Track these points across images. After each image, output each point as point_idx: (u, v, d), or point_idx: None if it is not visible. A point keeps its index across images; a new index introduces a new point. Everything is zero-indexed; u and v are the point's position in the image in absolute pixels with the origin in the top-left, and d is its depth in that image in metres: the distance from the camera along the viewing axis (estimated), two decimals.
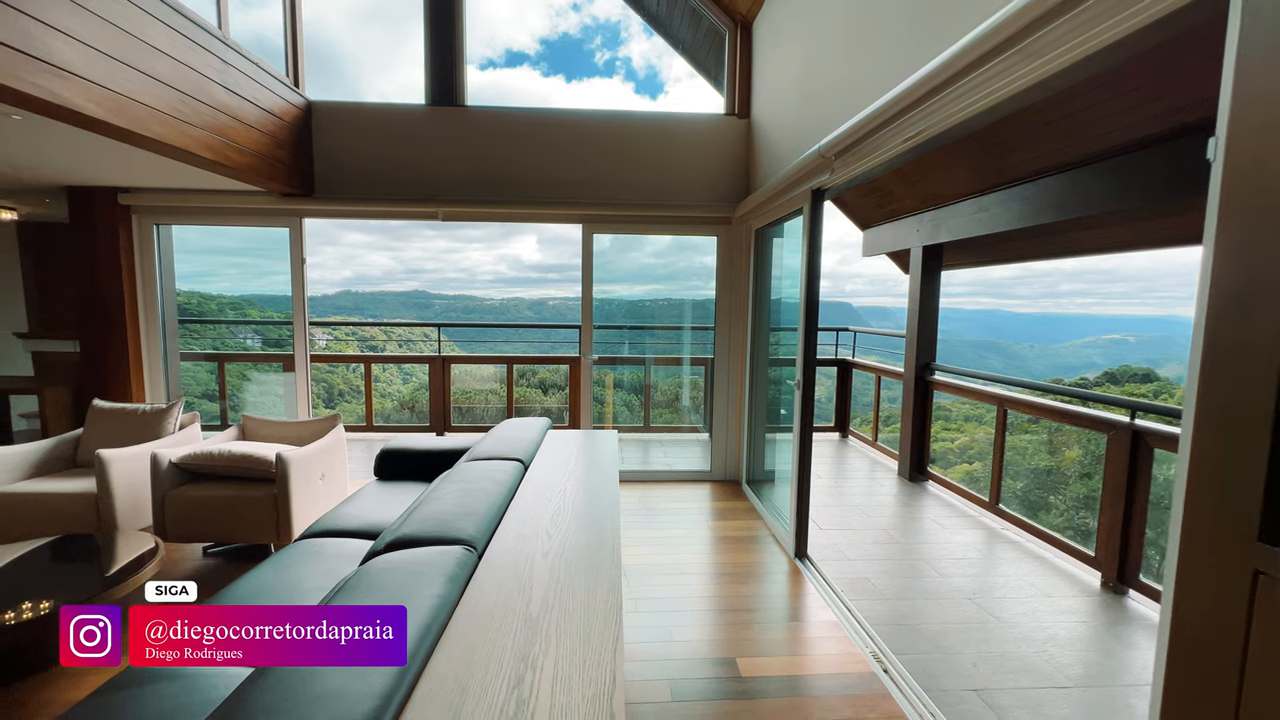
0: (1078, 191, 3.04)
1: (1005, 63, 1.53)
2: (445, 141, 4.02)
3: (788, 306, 3.68)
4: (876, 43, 2.29)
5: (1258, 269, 0.59)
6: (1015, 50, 1.49)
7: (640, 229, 4.28)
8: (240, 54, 3.22)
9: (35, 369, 4.93)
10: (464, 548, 1.49)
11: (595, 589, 1.36)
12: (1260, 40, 0.54)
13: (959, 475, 7.55)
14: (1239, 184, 0.59)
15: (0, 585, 2.22)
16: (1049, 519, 5.37)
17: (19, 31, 1.99)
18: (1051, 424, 5.44)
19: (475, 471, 2.11)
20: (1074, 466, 5.88)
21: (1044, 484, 5.90)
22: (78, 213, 3.87)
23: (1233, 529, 0.62)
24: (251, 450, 2.90)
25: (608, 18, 18.47)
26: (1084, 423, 3.16)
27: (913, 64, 1.89)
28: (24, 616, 2.05)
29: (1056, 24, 1.37)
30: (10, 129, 2.56)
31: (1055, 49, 1.40)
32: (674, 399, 6.65)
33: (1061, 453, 6.13)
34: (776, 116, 3.62)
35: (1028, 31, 1.44)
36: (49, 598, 2.10)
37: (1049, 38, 1.41)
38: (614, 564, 1.50)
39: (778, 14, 3.59)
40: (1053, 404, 3.45)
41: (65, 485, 2.91)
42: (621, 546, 3.11)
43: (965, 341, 47.81)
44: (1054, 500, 5.78)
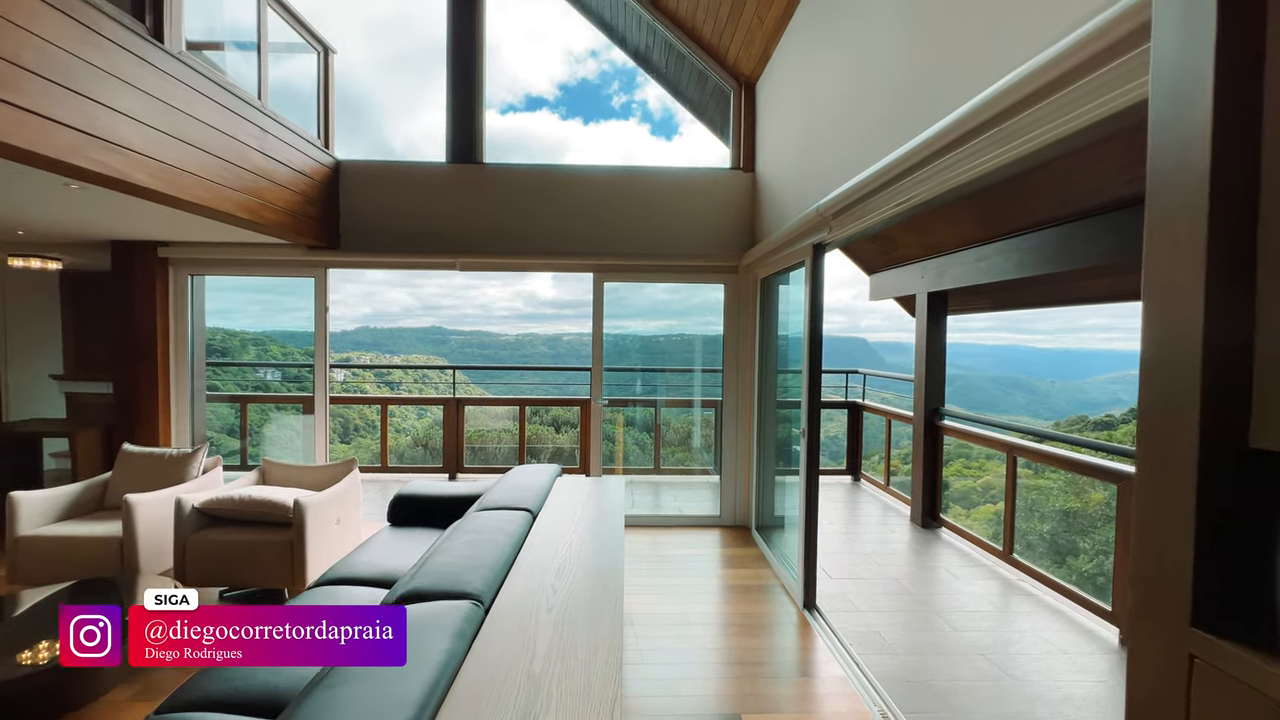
0: (1076, 244, 3.12)
1: (984, 142, 1.63)
2: (463, 196, 4.24)
3: (795, 348, 3.75)
4: (870, 110, 2.43)
5: (1172, 345, 0.64)
6: (994, 131, 1.60)
7: (649, 277, 4.42)
8: (277, 121, 3.48)
9: (68, 410, 5.15)
10: (471, 602, 1.54)
11: (597, 646, 1.40)
12: (1167, 136, 0.62)
13: (984, 516, 7.37)
14: (1157, 261, 0.66)
15: (20, 630, 2.30)
16: (1077, 564, 5.22)
17: (85, 115, 2.21)
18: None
19: (485, 521, 2.17)
20: (1100, 509, 5.75)
21: (1071, 527, 5.75)
22: (120, 263, 4.11)
23: (1170, 609, 0.66)
24: (271, 495, 3.00)
25: (625, 63, 19.38)
26: (1093, 473, 3.15)
27: (903, 134, 2.01)
28: (39, 659, 2.12)
29: (1031, 110, 1.47)
30: (68, 195, 2.78)
31: (1033, 130, 1.49)
32: (686, 437, 6.67)
33: (1087, 494, 5.99)
34: (779, 172, 3.78)
35: (1003, 117, 1.55)
36: None
37: (1024, 121, 1.51)
38: (615, 620, 1.54)
39: (779, 76, 3.79)
40: (1061, 453, 3.43)
41: (92, 528, 3.02)
42: (629, 595, 3.12)
43: (987, 378, 47.07)
44: (1082, 544, 5.62)
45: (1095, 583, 4.80)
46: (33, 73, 2.00)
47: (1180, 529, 0.65)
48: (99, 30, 2.27)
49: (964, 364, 9.29)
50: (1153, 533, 0.72)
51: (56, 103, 2.09)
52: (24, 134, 2.00)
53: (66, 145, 2.14)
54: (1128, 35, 1.13)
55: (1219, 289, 0.56)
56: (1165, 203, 0.64)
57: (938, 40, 1.92)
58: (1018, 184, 3.31)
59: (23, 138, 1.99)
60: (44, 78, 2.05)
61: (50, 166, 2.17)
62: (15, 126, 1.96)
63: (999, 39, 1.62)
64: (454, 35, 4.30)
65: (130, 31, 2.44)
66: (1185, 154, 0.61)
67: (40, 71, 2.03)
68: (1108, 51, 1.20)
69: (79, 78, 2.18)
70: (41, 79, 2.04)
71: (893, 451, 5.53)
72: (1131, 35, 1.11)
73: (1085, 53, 1.24)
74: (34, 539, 2.94)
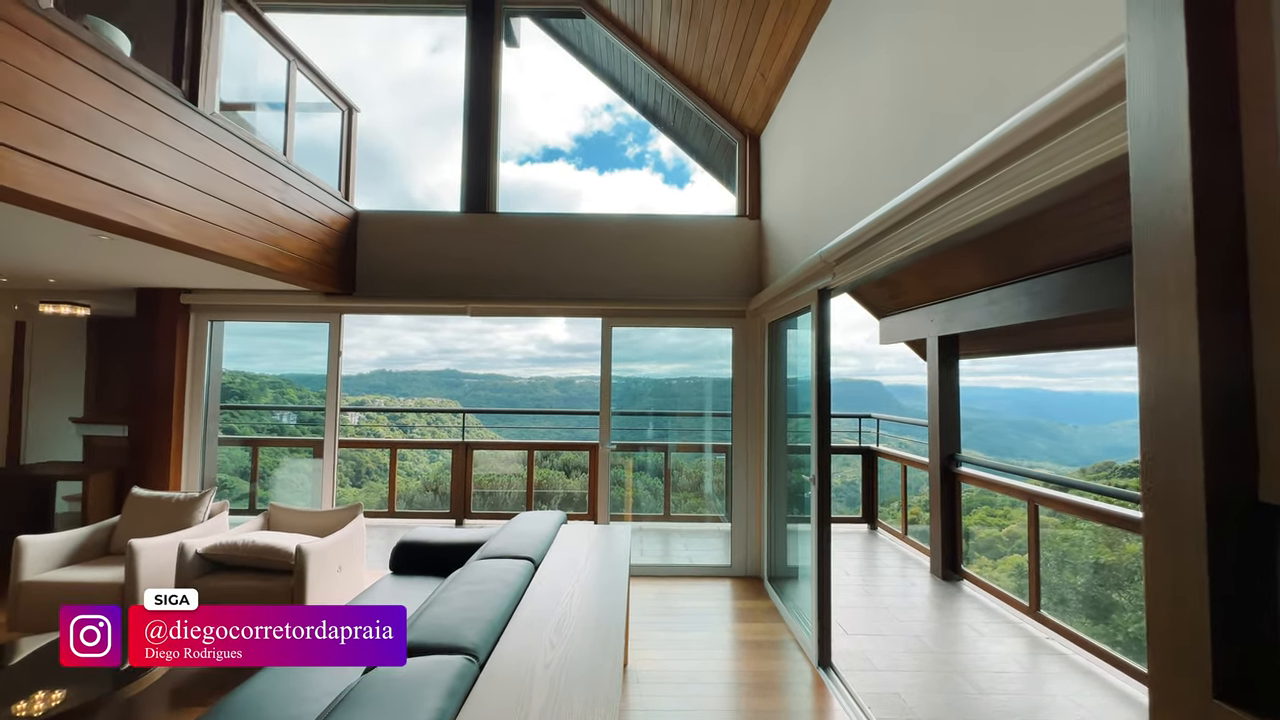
0: (1088, 287, 3.09)
1: (985, 187, 1.65)
2: (476, 244, 4.36)
3: (805, 392, 3.71)
4: (871, 159, 2.48)
5: (1170, 399, 0.61)
6: (994, 177, 1.61)
7: (658, 322, 4.45)
8: (299, 174, 3.63)
9: (85, 453, 5.21)
10: (466, 658, 1.49)
11: (593, 709, 1.34)
12: (1148, 191, 0.62)
13: (1010, 567, 7.04)
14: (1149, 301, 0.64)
15: (16, 679, 2.26)
16: (1121, 619, 4.92)
17: (116, 170, 2.33)
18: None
19: (484, 571, 2.12)
20: (1134, 561, 5.47)
21: (1105, 581, 5.47)
22: (144, 309, 4.25)
23: (1190, 679, 0.61)
24: (273, 541, 2.97)
25: (639, 116, 20.41)
26: (1119, 523, 3.02)
27: (903, 181, 2.05)
28: (35, 710, 2.07)
29: (1031, 156, 1.49)
30: (96, 245, 2.90)
31: (1034, 175, 1.50)
32: (697, 483, 6.56)
33: (1121, 545, 5.73)
34: (784, 219, 3.84)
35: (1002, 162, 1.57)
36: (61, 689, 2.12)
37: (1024, 167, 1.53)
38: (613, 680, 1.47)
39: (781, 128, 3.90)
40: (1086, 502, 3.29)
41: (96, 574, 3.00)
42: (635, 650, 3.00)
43: (1005, 421, 45.96)
44: (1117, 599, 5.32)
45: (1140, 642, 4.51)
46: (69, 132, 2.13)
47: (1194, 591, 0.61)
48: (135, 93, 2.42)
49: (982, 408, 8.98)
50: (1165, 594, 0.67)
51: (89, 159, 2.21)
52: (57, 189, 2.11)
53: (96, 199, 2.25)
54: (1115, 87, 1.15)
55: (1213, 337, 0.55)
56: (1152, 253, 0.63)
57: (936, 90, 1.97)
58: (1026, 227, 3.33)
59: (55, 192, 2.10)
60: (79, 136, 2.17)
61: (80, 219, 2.27)
62: (49, 182, 2.07)
63: (997, 88, 1.65)
64: (471, 92, 4.51)
65: (165, 94, 2.60)
66: (1168, 207, 0.61)
67: (76, 130, 2.16)
68: (1099, 100, 1.22)
69: (112, 135, 2.31)
70: (77, 138, 2.16)
71: (910, 499, 5.37)
72: (1117, 88, 1.14)
73: (1078, 101, 1.26)
74: (37, 584, 2.92)
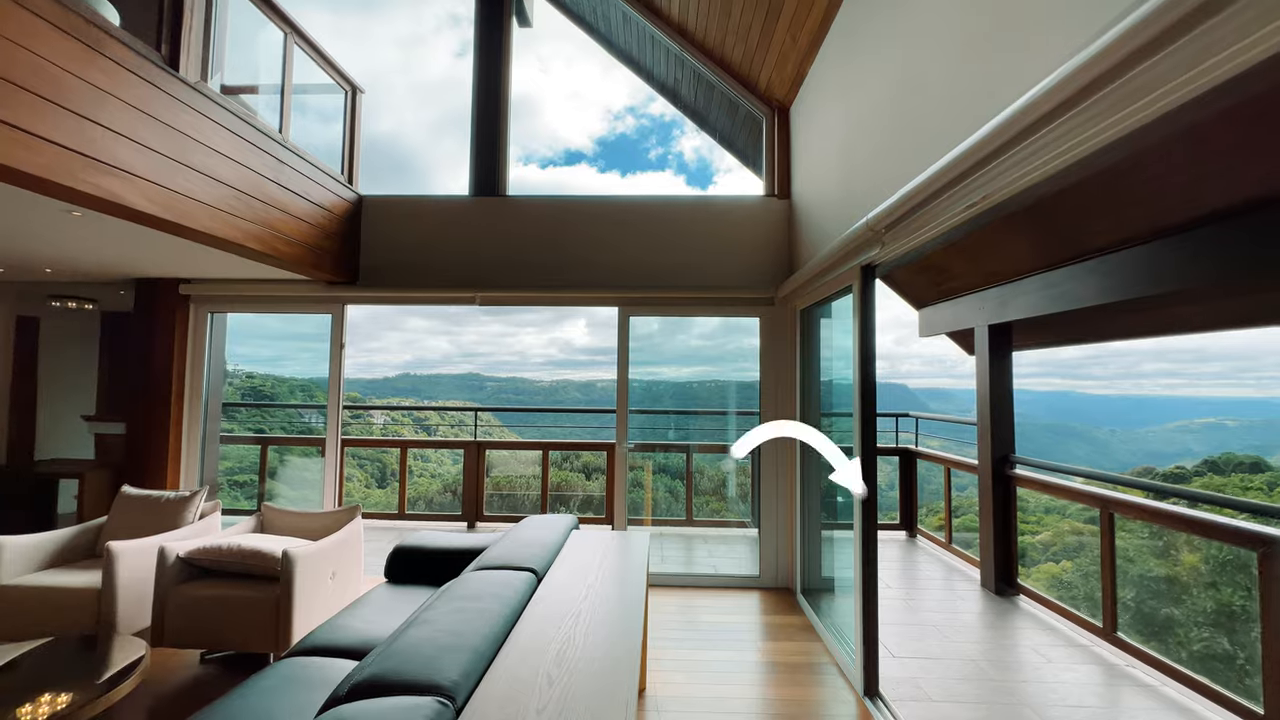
0: (1168, 265, 2.68)
1: (1079, 118, 1.30)
2: (485, 230, 4.10)
3: (839, 389, 3.36)
4: (924, 111, 2.13)
5: None
6: (1095, 100, 1.26)
7: (678, 311, 4.13)
8: (297, 154, 3.42)
9: (96, 451, 5.10)
10: (439, 701, 1.19)
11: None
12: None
13: (1045, 577, 6.54)
14: None
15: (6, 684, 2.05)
16: (1185, 635, 4.43)
17: (79, 134, 2.10)
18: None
19: (479, 585, 1.83)
20: (1195, 575, 4.96)
21: (1159, 595, 4.96)
22: (142, 302, 4.08)
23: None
24: (260, 546, 2.73)
25: (661, 114, 19.51)
26: (1224, 536, 2.59)
27: (966, 127, 1.70)
28: (40, 713, 1.86)
29: (1162, 55, 1.14)
30: (75, 224, 2.70)
31: (1162, 85, 1.15)
32: (720, 485, 6.21)
33: (1177, 557, 5.21)
34: (818, 195, 3.49)
35: (1100, 84, 1.22)
36: (24, 704, 1.90)
37: (1132, 85, 1.18)
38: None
39: (814, 96, 3.56)
40: (1179, 510, 2.84)
41: (75, 578, 2.79)
42: (655, 672, 2.67)
43: (1039, 425, 44.36)
44: (1175, 614, 4.82)
45: (1203, 662, 4.03)
46: (22, 88, 1.91)
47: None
48: (103, 51, 2.20)
49: (1014, 410, 8.36)
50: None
51: (48, 120, 1.99)
52: (12, 152, 1.89)
53: (57, 166, 2.03)
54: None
55: None
56: None
57: (1007, 12, 1.62)
58: (1090, 200, 2.93)
59: (9, 156, 1.88)
60: (36, 94, 1.95)
61: (40, 187, 2.05)
62: (4, 145, 1.85)
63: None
64: (480, 68, 4.27)
65: (141, 56, 2.38)
66: None
67: (31, 88, 1.93)
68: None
69: (76, 97, 2.09)
70: (33, 95, 1.94)
71: (952, 504, 4.94)
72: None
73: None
74: (15, 588, 2.73)
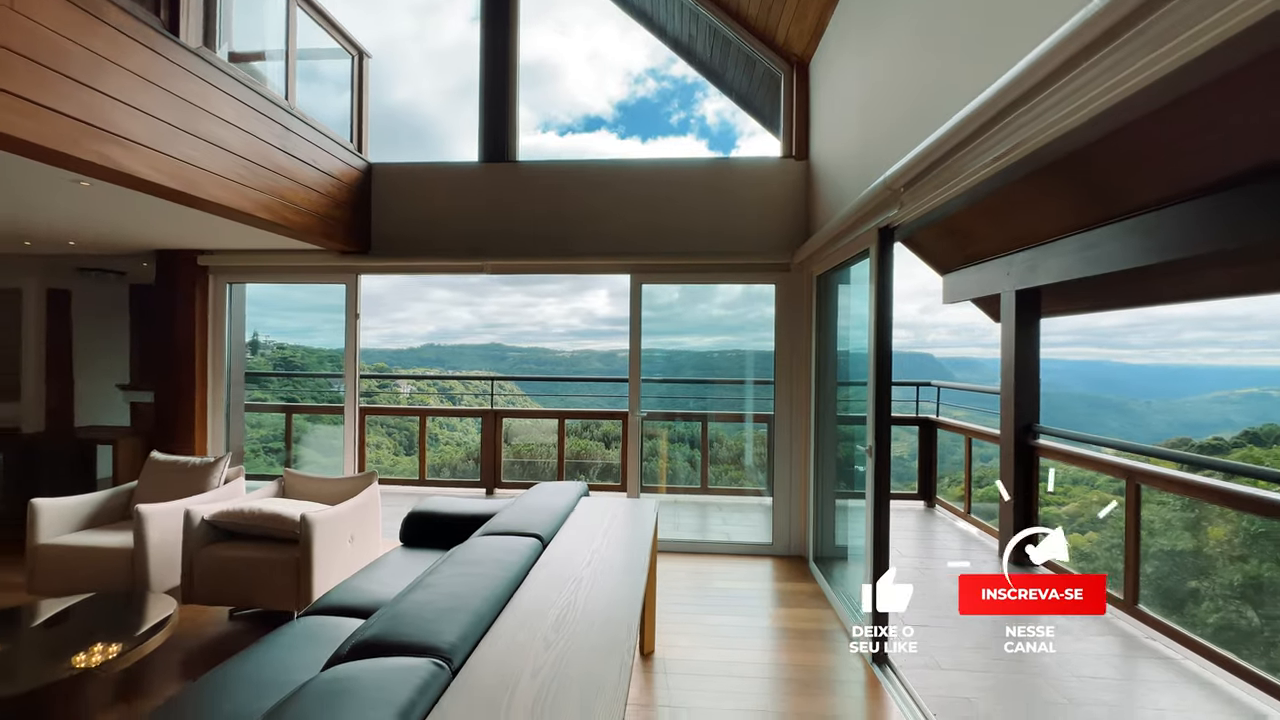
0: (1216, 223, 2.51)
1: (1120, 52, 1.18)
2: (494, 197, 4.04)
3: (857, 358, 3.27)
4: (946, 59, 1.99)
5: None
6: (1138, 29, 1.14)
7: (692, 278, 4.05)
8: (303, 121, 3.38)
9: (131, 418, 5.31)
10: (435, 662, 1.21)
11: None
12: None
13: (1067, 548, 6.41)
14: None
15: (31, 644, 2.17)
16: (1210, 608, 4.33)
17: (80, 103, 2.09)
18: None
19: (483, 550, 1.85)
20: (1224, 547, 4.82)
21: (1183, 568, 4.83)
22: (163, 273, 4.15)
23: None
24: (280, 509, 2.81)
25: (683, 75, 18.86)
26: (1258, 509, 2.48)
27: (994, 72, 1.57)
28: (44, 680, 1.96)
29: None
30: (85, 195, 2.72)
31: (1225, 5, 1.02)
32: (738, 455, 6.20)
33: (1203, 530, 5.06)
34: (837, 156, 3.34)
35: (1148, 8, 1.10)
36: (71, 656, 2.01)
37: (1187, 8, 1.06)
38: (617, 693, 1.16)
39: (835, 49, 3.37)
40: (1205, 481, 2.73)
41: (110, 538, 2.92)
42: (664, 634, 2.71)
43: (1070, 395, 43.19)
44: (1199, 587, 4.70)
45: (1222, 634, 3.93)
46: (22, 55, 1.89)
47: None
48: (102, 17, 2.17)
49: (1045, 380, 8.14)
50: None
51: (49, 89, 1.98)
52: (13, 122, 1.89)
53: (60, 134, 2.03)
54: None
55: None
56: None
57: None
58: (1130, 152, 2.74)
59: (11, 125, 1.88)
60: (36, 62, 1.94)
61: (44, 156, 2.06)
62: (5, 115, 1.85)
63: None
64: (487, 26, 4.14)
65: (140, 21, 2.34)
66: None
67: (31, 55, 1.92)
68: None
69: (76, 64, 2.07)
70: (32, 63, 1.93)
71: (972, 475, 4.85)
72: None
73: None
74: (52, 548, 2.87)
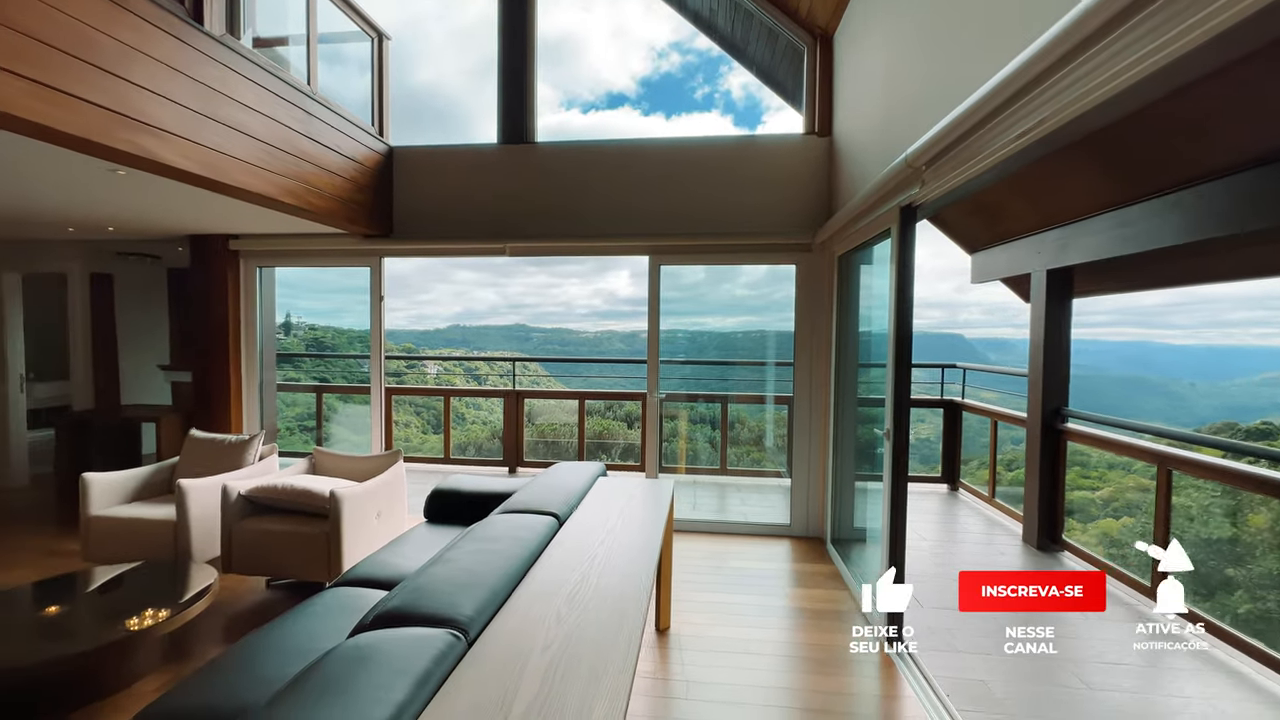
0: (1265, 197, 2.38)
1: (1163, 13, 1.12)
2: (513, 178, 4.05)
3: (879, 339, 3.22)
4: (971, 30, 1.91)
5: None
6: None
7: (711, 259, 4.02)
8: (325, 106, 3.42)
9: (172, 397, 5.56)
10: (452, 633, 1.26)
11: (592, 707, 1.07)
12: None
13: (1098, 533, 6.29)
14: None
15: (88, 607, 2.33)
16: (1243, 597, 4.22)
17: (112, 93, 2.16)
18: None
19: (501, 528, 1.91)
20: (1262, 535, 4.66)
21: (1218, 555, 4.69)
22: (197, 258, 4.29)
23: None
24: (311, 485, 2.92)
25: (708, 49, 18.52)
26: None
27: (1019, 43, 1.51)
28: (100, 641, 2.10)
29: None
30: (119, 182, 2.82)
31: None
32: (759, 437, 6.20)
33: (1243, 517, 4.89)
34: (860, 133, 3.25)
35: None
36: (124, 620, 2.15)
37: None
38: (625, 663, 1.20)
39: (860, 20, 3.25)
40: (1240, 468, 2.64)
41: (154, 511, 3.09)
42: (679, 613, 2.76)
43: (1109, 378, 41.72)
44: (1235, 575, 4.57)
45: (1251, 624, 3.83)
46: (57, 49, 1.96)
47: None
48: (129, 8, 2.22)
49: (1082, 362, 7.87)
50: None
51: (83, 80, 2.05)
52: (50, 113, 1.96)
53: (95, 125, 2.10)
54: None
55: None
56: None
57: None
58: (1173, 124, 2.60)
59: (48, 116, 1.95)
60: (70, 54, 2.00)
61: (79, 146, 2.13)
62: (40, 105, 1.92)
63: None
64: (505, 3, 4.11)
65: (165, 10, 2.39)
66: None
67: (65, 48, 1.98)
68: None
69: (107, 55, 2.13)
70: (67, 55, 1.99)
71: (998, 458, 4.76)
72: None
73: None
74: (105, 519, 3.05)
